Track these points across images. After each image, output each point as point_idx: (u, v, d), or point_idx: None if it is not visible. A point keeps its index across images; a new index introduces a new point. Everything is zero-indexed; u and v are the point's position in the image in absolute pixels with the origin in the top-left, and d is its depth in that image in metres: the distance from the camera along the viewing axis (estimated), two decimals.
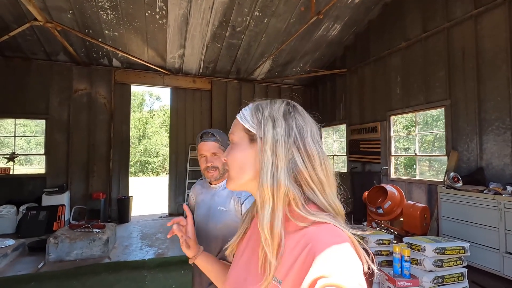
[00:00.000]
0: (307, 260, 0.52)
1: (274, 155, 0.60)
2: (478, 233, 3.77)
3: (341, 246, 0.52)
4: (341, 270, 0.48)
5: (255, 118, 0.65)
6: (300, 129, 0.63)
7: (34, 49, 6.33)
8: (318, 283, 0.47)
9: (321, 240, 0.53)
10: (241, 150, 0.65)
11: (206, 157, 1.46)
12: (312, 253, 0.52)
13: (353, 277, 0.48)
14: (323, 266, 0.49)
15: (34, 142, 17.76)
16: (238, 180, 0.66)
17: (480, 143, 4.38)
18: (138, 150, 22.91)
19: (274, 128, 0.62)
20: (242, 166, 0.65)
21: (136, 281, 3.70)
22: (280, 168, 0.59)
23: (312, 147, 0.62)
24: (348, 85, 7.45)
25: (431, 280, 2.55)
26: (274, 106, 0.66)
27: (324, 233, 0.55)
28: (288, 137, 0.61)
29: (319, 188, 0.61)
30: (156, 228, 6.40)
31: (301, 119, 0.64)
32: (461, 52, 4.67)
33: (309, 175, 0.60)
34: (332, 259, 0.50)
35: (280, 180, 0.58)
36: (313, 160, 0.61)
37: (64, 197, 6.24)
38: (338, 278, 0.47)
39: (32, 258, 4.40)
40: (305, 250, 0.54)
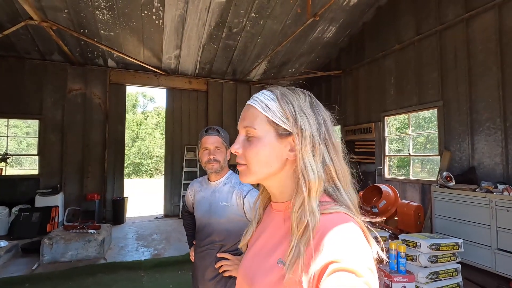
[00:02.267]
0: (317, 246, 0.52)
1: (314, 150, 0.60)
2: (470, 231, 3.86)
3: (351, 232, 0.52)
4: (351, 254, 0.48)
5: (286, 111, 0.62)
6: (325, 122, 0.64)
7: (28, 49, 6.26)
8: (329, 267, 0.48)
9: (331, 227, 0.53)
10: (267, 144, 0.62)
11: (210, 150, 1.49)
12: (321, 238, 0.52)
13: (364, 262, 0.48)
14: (334, 251, 0.49)
15: (25, 143, 17.48)
16: (259, 175, 0.64)
17: (472, 143, 4.48)
18: (131, 151, 22.70)
19: (309, 123, 0.61)
20: (268, 161, 0.62)
21: (133, 282, 3.68)
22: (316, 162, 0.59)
23: (336, 139, 0.62)
24: (343, 86, 7.54)
25: (426, 276, 2.61)
26: (299, 98, 0.64)
27: (334, 220, 0.55)
28: (319, 131, 0.61)
29: (343, 184, 0.61)
30: (151, 229, 6.36)
31: (323, 111, 0.65)
32: (453, 54, 4.79)
33: (335, 169, 0.61)
34: (342, 244, 0.50)
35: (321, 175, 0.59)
36: (338, 152, 0.62)
37: (57, 198, 6.16)
38: (349, 263, 0.47)
39: (25, 259, 4.34)
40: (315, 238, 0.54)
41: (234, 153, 0.66)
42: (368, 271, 0.48)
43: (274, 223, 0.67)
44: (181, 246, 5.06)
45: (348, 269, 0.47)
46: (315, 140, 0.60)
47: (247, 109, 0.66)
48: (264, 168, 0.63)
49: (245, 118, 0.65)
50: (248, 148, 0.63)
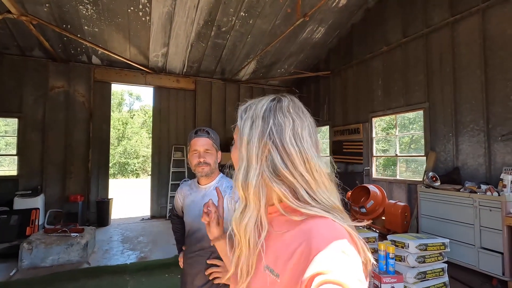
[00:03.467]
0: (304, 254, 0.51)
1: (247, 155, 0.61)
2: (455, 230, 3.95)
3: (338, 241, 0.50)
4: (339, 266, 0.47)
5: (242, 119, 0.66)
6: (278, 127, 0.60)
7: (7, 44, 5.98)
8: (316, 280, 0.46)
9: (317, 235, 0.52)
10: (235, 149, 0.68)
11: (199, 152, 1.43)
12: (308, 248, 0.51)
13: (352, 273, 0.47)
14: (320, 262, 0.48)
15: (3, 142, 16.75)
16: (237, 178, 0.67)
17: (456, 144, 4.59)
18: (117, 151, 22.17)
19: (251, 128, 0.62)
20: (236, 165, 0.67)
21: (118, 287, 3.56)
22: (252, 168, 0.60)
23: (290, 145, 0.59)
24: (332, 87, 7.59)
25: (414, 276, 2.63)
26: (259, 104, 0.65)
27: (320, 227, 0.54)
28: (262, 136, 0.60)
29: (304, 186, 0.59)
30: (137, 231, 6.21)
31: (281, 116, 0.61)
32: (439, 57, 4.89)
33: (290, 173, 0.58)
34: (329, 254, 0.48)
35: (250, 180, 0.59)
36: (292, 158, 0.59)
37: (38, 200, 5.91)
38: (336, 275, 0.46)
39: (2, 265, 4.13)
40: (302, 245, 0.53)
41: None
42: (357, 282, 0.46)
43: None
44: (168, 249, 4.95)
45: (335, 282, 0.45)
46: (251, 145, 0.60)
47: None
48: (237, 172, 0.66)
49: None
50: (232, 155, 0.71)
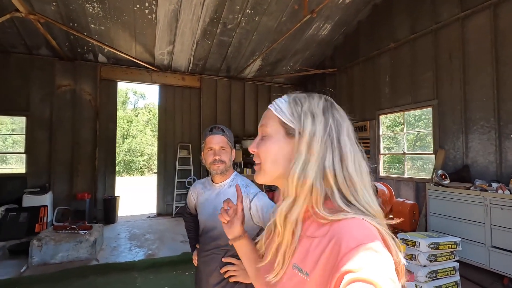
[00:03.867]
0: (333, 254, 0.51)
1: (309, 150, 0.60)
2: (464, 229, 3.90)
3: (369, 240, 0.50)
4: (369, 264, 0.46)
5: (294, 111, 0.64)
6: (337, 126, 0.63)
7: (14, 42, 6.01)
8: (345, 278, 0.46)
9: (347, 234, 0.52)
10: (276, 142, 0.65)
11: (215, 150, 1.43)
12: (337, 247, 0.51)
13: (383, 272, 0.46)
14: (350, 261, 0.47)
15: (10, 140, 16.92)
16: (271, 174, 0.66)
17: (466, 141, 4.53)
18: (122, 149, 22.30)
19: (313, 123, 0.61)
20: (276, 159, 0.64)
21: (126, 283, 3.58)
22: (311, 164, 0.59)
23: (346, 144, 0.61)
24: (338, 84, 7.54)
25: (425, 275, 2.61)
26: (312, 101, 0.65)
27: (350, 226, 0.53)
28: (324, 134, 0.61)
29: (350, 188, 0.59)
30: (144, 228, 6.25)
31: (338, 116, 0.64)
32: (448, 54, 4.82)
33: (341, 173, 0.59)
34: (359, 253, 0.48)
35: (308, 176, 0.58)
36: (345, 158, 0.60)
37: (46, 198, 5.97)
38: (367, 273, 0.45)
39: (13, 262, 4.19)
40: (330, 243, 0.53)
41: (251, 153, 0.69)
42: (389, 281, 0.45)
43: None
44: (175, 246, 4.98)
45: (366, 280, 0.44)
46: (314, 141, 0.60)
47: (265, 112, 0.70)
48: (274, 166, 0.64)
49: (264, 118, 0.69)
50: (261, 146, 0.66)
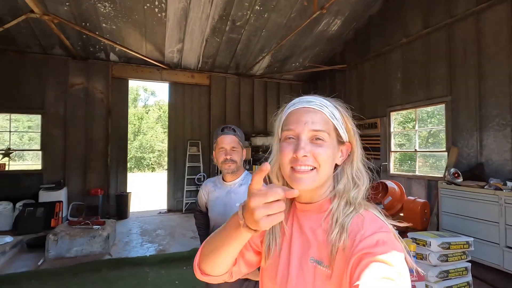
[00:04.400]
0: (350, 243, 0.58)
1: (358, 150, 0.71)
2: (478, 228, 3.83)
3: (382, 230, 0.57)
4: (384, 248, 0.52)
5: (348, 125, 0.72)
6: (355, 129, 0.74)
7: (29, 42, 6.18)
8: (363, 261, 0.52)
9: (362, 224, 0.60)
10: (332, 148, 0.68)
11: (226, 150, 1.45)
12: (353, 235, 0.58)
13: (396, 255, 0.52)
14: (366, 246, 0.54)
15: (26, 137, 17.45)
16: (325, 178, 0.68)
17: (480, 139, 4.42)
18: (133, 145, 22.68)
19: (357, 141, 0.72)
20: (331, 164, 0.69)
21: (138, 278, 3.67)
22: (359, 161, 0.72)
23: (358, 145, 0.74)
24: (348, 81, 7.45)
25: (436, 275, 2.58)
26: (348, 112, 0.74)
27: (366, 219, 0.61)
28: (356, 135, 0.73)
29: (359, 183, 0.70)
30: (155, 224, 6.37)
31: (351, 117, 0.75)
32: (463, 49, 4.69)
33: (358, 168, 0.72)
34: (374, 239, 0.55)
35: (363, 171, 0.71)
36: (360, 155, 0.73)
37: (61, 193, 6.16)
38: (381, 255, 0.51)
39: (31, 255, 4.34)
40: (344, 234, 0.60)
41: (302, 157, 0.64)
42: (400, 262, 0.51)
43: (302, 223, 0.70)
44: (185, 242, 5.06)
45: (380, 260, 0.50)
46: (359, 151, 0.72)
47: (315, 113, 0.67)
48: (329, 171, 0.68)
49: (315, 121, 0.66)
50: (320, 152, 0.65)
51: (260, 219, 0.50)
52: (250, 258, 0.76)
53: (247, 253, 0.76)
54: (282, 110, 0.74)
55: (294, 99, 0.72)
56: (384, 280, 0.47)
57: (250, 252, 0.76)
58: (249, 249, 0.76)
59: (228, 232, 0.62)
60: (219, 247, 0.65)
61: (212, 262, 0.68)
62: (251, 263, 0.77)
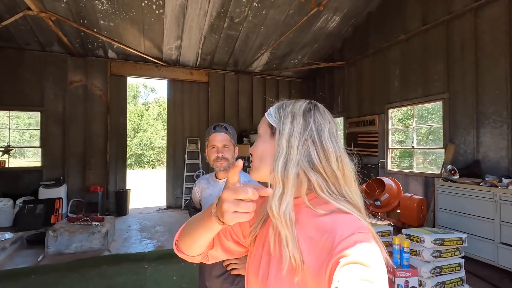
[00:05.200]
0: (327, 242, 0.56)
1: (288, 146, 0.65)
2: (473, 224, 3.85)
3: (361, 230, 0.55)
4: (362, 249, 0.51)
5: (277, 113, 0.70)
6: (318, 126, 0.67)
7: (28, 40, 6.18)
8: (341, 261, 0.50)
9: (341, 226, 0.57)
10: (263, 142, 0.71)
11: (218, 147, 1.47)
12: (332, 236, 0.56)
13: (373, 255, 0.51)
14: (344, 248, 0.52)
15: (27, 134, 17.51)
16: (259, 170, 0.71)
17: (477, 136, 4.43)
18: (133, 142, 22.73)
19: (292, 123, 0.67)
20: (262, 156, 0.70)
21: (137, 273, 3.72)
22: (292, 158, 0.64)
23: (328, 143, 0.65)
24: (346, 77, 7.44)
25: (429, 270, 2.61)
26: (296, 104, 0.70)
27: (344, 220, 0.58)
28: (304, 132, 0.66)
29: (332, 181, 0.64)
30: (154, 220, 6.41)
31: (320, 117, 0.69)
32: (461, 45, 4.68)
33: (323, 168, 0.64)
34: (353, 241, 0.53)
35: (290, 169, 0.63)
36: (328, 154, 0.64)
37: (61, 190, 6.20)
38: (359, 256, 0.50)
39: (31, 251, 4.39)
40: (325, 235, 0.57)
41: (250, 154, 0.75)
42: (378, 263, 0.50)
43: None
44: None
45: (358, 262, 0.49)
46: (292, 138, 0.65)
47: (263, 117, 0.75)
48: (261, 163, 0.70)
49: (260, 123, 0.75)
50: (253, 146, 0.73)
51: (226, 212, 0.53)
52: (229, 246, 0.79)
53: (226, 241, 0.79)
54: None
55: None
56: (362, 282, 0.47)
57: (229, 241, 0.79)
58: (228, 238, 0.79)
59: (202, 219, 0.66)
60: (193, 231, 0.70)
61: (187, 243, 0.73)
62: (230, 250, 0.80)
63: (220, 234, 0.79)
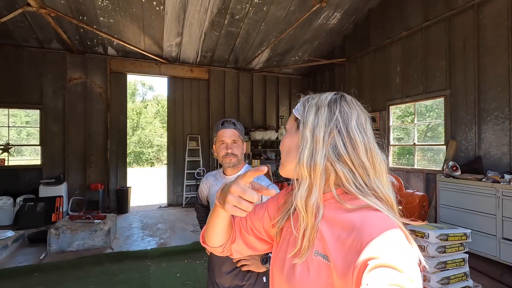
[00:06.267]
0: (355, 241, 0.53)
1: (313, 137, 0.63)
2: (475, 220, 3.87)
3: (391, 230, 0.52)
4: (393, 251, 0.48)
5: (302, 106, 0.70)
6: (344, 116, 0.64)
7: (26, 36, 6.12)
8: (370, 264, 0.47)
9: (370, 224, 0.54)
10: (289, 136, 0.71)
11: (227, 143, 1.46)
12: (360, 235, 0.53)
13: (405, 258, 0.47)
14: (374, 248, 0.49)
15: (24, 132, 17.38)
16: (285, 165, 0.70)
17: (479, 132, 4.45)
18: (132, 140, 22.65)
19: (316, 114, 0.65)
20: (289, 150, 0.69)
21: (140, 271, 3.72)
22: (318, 150, 0.62)
23: (356, 133, 0.63)
24: (347, 74, 7.43)
25: (434, 266, 2.62)
26: (322, 96, 0.69)
27: (373, 217, 0.55)
28: (329, 122, 0.63)
29: (361, 173, 0.61)
30: (156, 218, 6.41)
31: (347, 107, 0.66)
32: (462, 42, 4.68)
33: (350, 159, 0.61)
34: (383, 241, 0.49)
35: (317, 160, 0.61)
36: (355, 145, 0.62)
37: (61, 188, 6.17)
38: (389, 259, 0.46)
39: (32, 249, 4.38)
40: (354, 233, 0.54)
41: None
42: (411, 267, 0.47)
43: None
44: (186, 236, 5.10)
45: (389, 265, 0.46)
46: (317, 129, 0.63)
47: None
48: (288, 157, 0.68)
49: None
50: (281, 142, 0.73)
51: (227, 203, 0.59)
52: (252, 242, 0.80)
53: (248, 236, 0.80)
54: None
55: None
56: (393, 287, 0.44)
57: (251, 236, 0.80)
58: (249, 233, 0.80)
59: (213, 210, 0.73)
60: (209, 220, 0.76)
61: (208, 233, 0.77)
62: (254, 246, 0.81)
63: (242, 228, 0.79)
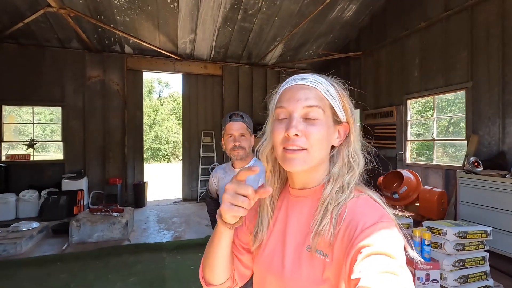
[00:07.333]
0: (349, 232, 0.54)
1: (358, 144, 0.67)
2: (498, 218, 3.71)
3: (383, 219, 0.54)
4: (384, 239, 0.50)
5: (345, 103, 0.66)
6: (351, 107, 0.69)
7: (48, 36, 6.36)
8: (363, 251, 0.49)
9: (363, 214, 0.56)
10: (326, 128, 0.62)
11: (234, 136, 1.47)
12: (354, 226, 0.54)
13: (396, 246, 0.50)
14: (367, 237, 0.50)
15: (49, 129, 18.18)
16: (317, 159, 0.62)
17: (503, 126, 4.23)
18: (149, 137, 23.21)
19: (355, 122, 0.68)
20: (324, 145, 0.62)
21: (156, 262, 3.82)
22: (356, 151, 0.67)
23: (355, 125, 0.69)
24: (363, 68, 7.25)
25: (451, 264, 2.54)
26: (347, 95, 0.68)
27: (367, 208, 0.57)
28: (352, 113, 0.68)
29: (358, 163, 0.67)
30: (171, 212, 6.55)
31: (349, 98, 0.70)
32: (485, 31, 4.45)
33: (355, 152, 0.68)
34: (375, 230, 0.51)
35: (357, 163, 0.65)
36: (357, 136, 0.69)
37: (82, 182, 6.43)
38: (382, 247, 0.48)
39: (56, 240, 4.59)
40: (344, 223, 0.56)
41: (293, 136, 0.59)
42: (401, 254, 0.49)
43: (297, 210, 0.66)
44: (200, 229, 5.19)
45: (382, 252, 0.47)
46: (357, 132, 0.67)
47: (308, 89, 0.62)
48: (321, 152, 0.62)
49: (309, 98, 0.61)
50: (313, 131, 0.60)
51: (223, 203, 0.57)
52: (247, 261, 0.75)
53: (242, 256, 0.74)
54: (276, 90, 0.71)
55: (289, 78, 0.69)
56: (386, 274, 0.45)
57: (244, 255, 0.74)
58: (242, 252, 0.74)
59: (214, 233, 0.66)
60: (209, 248, 0.68)
61: (210, 269, 0.68)
62: (249, 266, 0.75)
63: (234, 251, 0.74)
